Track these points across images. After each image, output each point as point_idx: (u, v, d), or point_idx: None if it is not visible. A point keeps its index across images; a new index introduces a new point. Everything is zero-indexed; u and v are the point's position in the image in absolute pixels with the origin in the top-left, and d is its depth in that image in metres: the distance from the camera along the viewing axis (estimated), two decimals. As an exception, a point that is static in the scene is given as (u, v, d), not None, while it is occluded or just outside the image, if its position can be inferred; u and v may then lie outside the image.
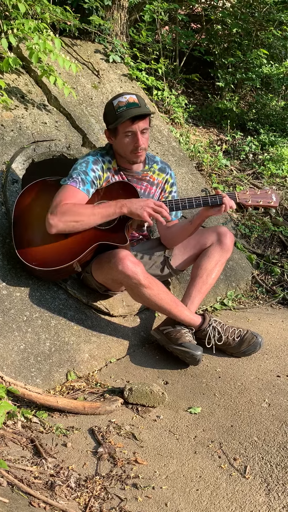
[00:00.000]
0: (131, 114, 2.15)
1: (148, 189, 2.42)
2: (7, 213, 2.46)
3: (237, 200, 2.23)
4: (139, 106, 2.20)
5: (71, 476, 1.60)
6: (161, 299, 2.19)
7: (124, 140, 2.23)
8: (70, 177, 2.21)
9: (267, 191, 2.26)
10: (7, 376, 1.92)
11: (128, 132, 2.20)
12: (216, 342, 2.29)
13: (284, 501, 1.51)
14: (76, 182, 2.19)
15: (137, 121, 2.18)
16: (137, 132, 2.19)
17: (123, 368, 2.25)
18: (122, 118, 2.16)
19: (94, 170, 2.25)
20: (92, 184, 2.23)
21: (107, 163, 2.32)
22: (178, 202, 2.23)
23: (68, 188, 2.19)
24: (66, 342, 2.22)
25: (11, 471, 1.53)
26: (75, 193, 2.18)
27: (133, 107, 2.18)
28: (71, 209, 2.12)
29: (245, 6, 4.93)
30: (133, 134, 2.21)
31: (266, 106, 4.93)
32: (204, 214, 2.25)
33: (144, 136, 2.23)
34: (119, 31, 4.07)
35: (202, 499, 1.54)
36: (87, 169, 2.24)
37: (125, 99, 2.20)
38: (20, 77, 3.13)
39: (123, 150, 2.26)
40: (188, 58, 4.87)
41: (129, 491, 1.57)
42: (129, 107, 2.18)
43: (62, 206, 2.13)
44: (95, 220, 2.15)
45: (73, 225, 2.14)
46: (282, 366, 2.27)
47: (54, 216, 2.13)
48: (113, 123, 2.21)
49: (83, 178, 2.21)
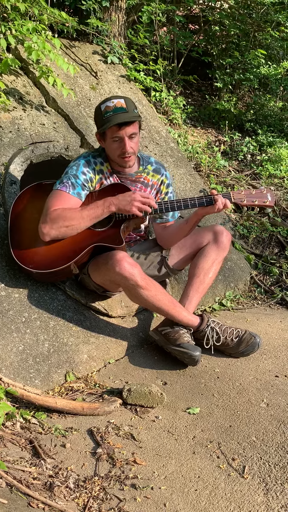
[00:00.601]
0: (117, 120, 2.15)
1: (143, 191, 2.41)
2: (5, 215, 2.46)
3: (232, 199, 2.23)
4: (127, 111, 2.19)
5: (70, 476, 1.60)
6: (158, 300, 2.19)
7: (112, 145, 2.23)
8: (61, 182, 2.23)
9: (262, 190, 2.26)
10: (6, 377, 1.92)
11: (115, 137, 2.20)
12: (215, 343, 2.29)
13: (282, 501, 1.52)
14: (66, 187, 2.20)
15: (124, 127, 2.17)
16: (124, 138, 2.19)
17: (122, 369, 2.25)
18: (109, 124, 2.16)
19: (84, 173, 2.25)
20: (83, 187, 2.24)
21: (99, 165, 2.32)
22: (173, 203, 2.23)
23: (58, 193, 2.20)
24: (65, 343, 2.22)
25: (10, 472, 1.53)
26: (65, 198, 2.19)
27: (120, 112, 2.17)
28: (60, 215, 2.14)
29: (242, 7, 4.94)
30: (120, 140, 2.20)
31: (264, 107, 4.94)
32: (199, 213, 2.25)
33: (132, 140, 2.22)
34: (117, 33, 4.08)
35: (201, 499, 1.54)
36: (78, 172, 2.24)
37: (112, 104, 2.19)
38: (18, 78, 3.14)
39: (112, 154, 2.27)
40: (186, 59, 4.88)
41: (128, 491, 1.57)
42: (116, 112, 2.17)
43: (52, 213, 2.15)
44: (85, 223, 2.16)
45: (65, 230, 2.16)
46: (280, 366, 2.28)
47: (46, 224, 2.15)
48: (101, 127, 2.22)
49: (73, 182, 2.21)
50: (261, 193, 2.25)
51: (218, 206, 2.18)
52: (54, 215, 2.14)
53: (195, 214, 2.27)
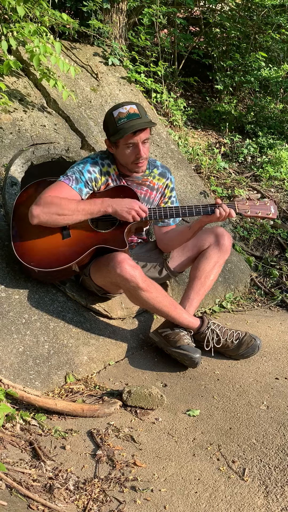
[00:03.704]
0: (133, 126, 2.14)
1: (148, 194, 2.42)
2: (6, 216, 2.46)
3: (236, 210, 2.24)
4: (140, 116, 2.19)
5: (69, 478, 1.60)
6: (159, 302, 2.19)
7: (126, 151, 2.22)
8: (65, 175, 2.23)
9: (266, 202, 2.28)
10: (6, 378, 1.92)
11: (129, 144, 2.19)
12: (215, 345, 2.29)
13: (282, 504, 1.52)
14: (70, 180, 2.20)
15: (138, 133, 2.17)
16: (138, 144, 2.19)
17: (122, 371, 2.25)
18: (124, 131, 2.15)
19: (90, 172, 2.25)
20: (86, 184, 2.24)
21: (106, 166, 2.32)
22: (178, 210, 2.24)
23: (59, 184, 2.20)
24: (65, 345, 2.22)
25: (10, 474, 1.53)
26: (65, 189, 2.18)
27: (134, 119, 2.17)
28: (55, 202, 2.12)
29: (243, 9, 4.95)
30: (134, 146, 2.20)
31: (264, 109, 4.94)
32: (203, 220, 2.25)
33: (145, 146, 2.23)
34: (118, 34, 4.08)
35: (201, 502, 1.54)
36: (84, 169, 2.24)
37: (125, 110, 2.19)
38: (19, 80, 3.14)
39: (125, 160, 2.26)
40: (186, 61, 4.89)
41: (128, 493, 1.57)
42: (130, 119, 2.17)
43: (47, 197, 2.13)
44: (78, 216, 2.14)
45: (56, 218, 2.13)
46: (280, 369, 2.27)
47: (38, 206, 2.12)
48: (114, 134, 2.19)
49: (77, 177, 2.22)
50: (264, 205, 2.27)
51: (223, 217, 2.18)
52: (49, 199, 2.12)
53: (199, 222, 2.27)
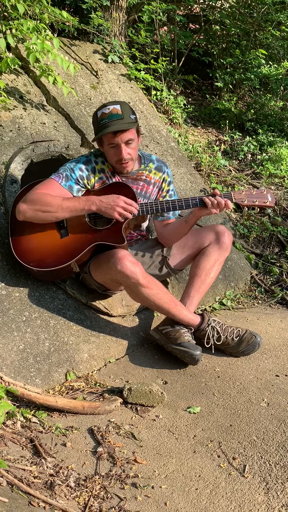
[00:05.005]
0: (110, 128, 2.15)
1: (145, 189, 2.42)
2: (6, 214, 2.46)
3: (233, 200, 2.23)
4: (122, 117, 2.18)
5: (70, 475, 1.60)
6: (159, 298, 2.19)
7: (109, 151, 2.24)
8: (57, 172, 2.24)
9: (263, 191, 2.28)
10: (7, 376, 1.93)
11: (111, 144, 2.20)
12: (215, 342, 2.29)
13: (283, 500, 1.52)
14: (59, 177, 2.21)
15: (119, 134, 2.17)
16: (120, 144, 2.19)
17: (122, 368, 2.25)
18: (103, 131, 2.16)
19: (82, 170, 2.26)
20: (77, 182, 2.24)
21: (100, 164, 2.32)
22: (175, 203, 2.24)
23: (49, 181, 2.21)
24: (65, 342, 2.22)
25: (11, 471, 1.53)
26: (54, 186, 2.19)
27: (114, 119, 2.17)
28: (40, 198, 2.13)
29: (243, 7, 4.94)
30: (116, 146, 2.21)
31: (264, 106, 4.94)
32: (198, 213, 2.25)
33: (129, 146, 2.22)
34: (117, 32, 4.07)
35: (202, 498, 1.54)
36: (75, 167, 2.25)
37: (108, 110, 2.18)
38: (18, 77, 3.13)
39: (110, 160, 2.28)
40: (186, 59, 4.88)
41: (129, 490, 1.57)
42: (110, 119, 2.17)
43: (33, 194, 2.14)
44: (63, 213, 2.15)
45: (41, 214, 2.14)
46: (280, 366, 2.28)
47: (24, 203, 2.14)
48: (96, 134, 2.23)
49: (68, 175, 2.22)
50: (261, 193, 2.27)
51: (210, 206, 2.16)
52: (35, 196, 2.14)
53: (194, 215, 2.27)
